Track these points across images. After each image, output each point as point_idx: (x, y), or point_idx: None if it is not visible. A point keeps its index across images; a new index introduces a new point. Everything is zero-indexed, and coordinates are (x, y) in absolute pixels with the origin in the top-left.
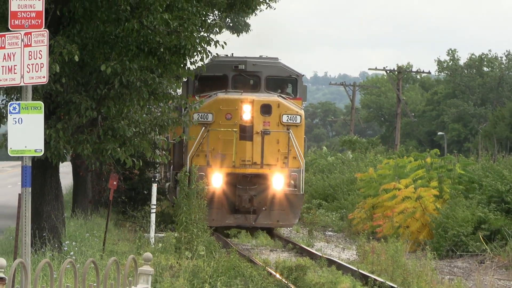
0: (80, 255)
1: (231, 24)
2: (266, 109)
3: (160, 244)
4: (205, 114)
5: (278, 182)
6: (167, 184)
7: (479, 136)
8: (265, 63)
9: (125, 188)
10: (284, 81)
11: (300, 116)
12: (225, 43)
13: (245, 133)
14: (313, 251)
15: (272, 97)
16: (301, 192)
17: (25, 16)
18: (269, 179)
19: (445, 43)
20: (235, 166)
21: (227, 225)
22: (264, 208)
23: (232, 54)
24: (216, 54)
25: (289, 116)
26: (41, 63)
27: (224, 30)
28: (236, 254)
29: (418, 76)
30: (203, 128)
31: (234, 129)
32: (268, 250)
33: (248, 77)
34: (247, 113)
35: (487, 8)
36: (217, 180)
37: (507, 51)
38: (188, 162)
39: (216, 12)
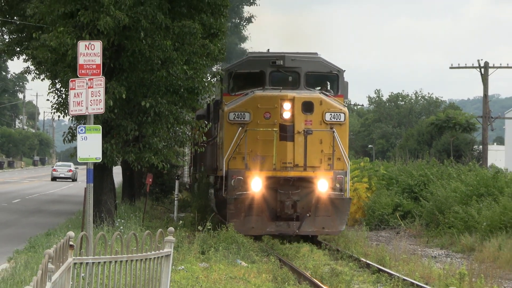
0: (126, 229)
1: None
2: (307, 106)
3: (181, 221)
4: (242, 113)
5: (322, 186)
6: (196, 184)
7: (396, 148)
8: (304, 58)
9: (157, 183)
10: (325, 77)
11: (344, 114)
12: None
13: (286, 133)
14: None
15: (313, 94)
16: (348, 196)
17: (88, 67)
18: (313, 182)
19: (373, 84)
20: (275, 169)
21: (268, 233)
22: (308, 215)
23: (268, 49)
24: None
25: (333, 114)
26: (99, 99)
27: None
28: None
29: (355, 107)
30: (240, 128)
31: (274, 129)
32: None
33: (287, 73)
34: (287, 111)
35: (402, 62)
36: (256, 185)
37: (415, 90)
38: (224, 165)
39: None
